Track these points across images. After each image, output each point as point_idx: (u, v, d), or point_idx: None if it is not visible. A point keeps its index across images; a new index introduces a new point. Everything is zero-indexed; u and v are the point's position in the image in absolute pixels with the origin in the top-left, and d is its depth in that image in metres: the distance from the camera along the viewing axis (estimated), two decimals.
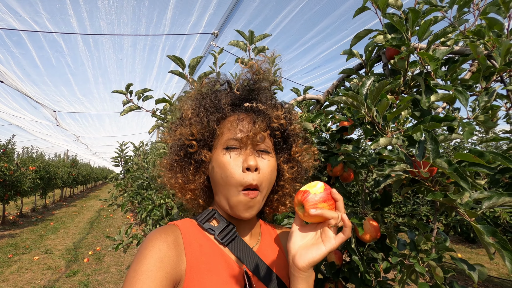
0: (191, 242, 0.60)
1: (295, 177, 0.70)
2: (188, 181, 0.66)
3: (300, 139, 0.70)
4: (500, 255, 0.54)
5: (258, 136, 0.60)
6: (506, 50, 0.68)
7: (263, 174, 0.60)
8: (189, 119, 0.66)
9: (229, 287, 0.57)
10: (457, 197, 0.58)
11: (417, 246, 0.73)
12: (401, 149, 0.69)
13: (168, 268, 0.53)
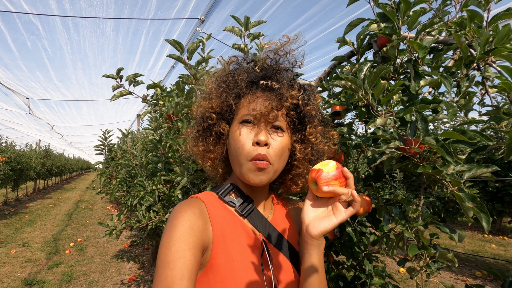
0: (215, 213, 0.65)
1: (309, 158, 0.72)
2: (208, 150, 0.72)
3: (316, 121, 0.72)
4: (478, 217, 0.63)
5: (271, 114, 0.64)
6: (486, 40, 0.77)
7: (273, 149, 0.64)
8: (211, 93, 0.71)
9: (250, 252, 0.64)
10: (443, 169, 0.66)
11: (406, 216, 0.81)
12: (394, 129, 0.76)
13: (198, 235, 0.58)
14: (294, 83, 0.70)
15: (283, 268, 0.68)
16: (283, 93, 0.66)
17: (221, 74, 0.74)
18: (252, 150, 0.63)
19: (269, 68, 0.71)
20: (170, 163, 2.12)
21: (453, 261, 0.70)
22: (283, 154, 0.67)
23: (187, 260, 0.53)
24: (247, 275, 0.61)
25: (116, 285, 3.91)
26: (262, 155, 0.62)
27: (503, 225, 7.06)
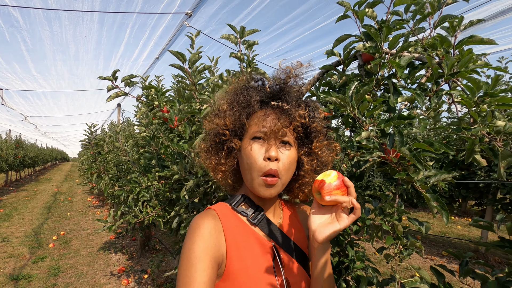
0: (228, 224, 0.73)
1: (315, 169, 0.79)
2: (220, 163, 0.78)
3: (321, 135, 0.78)
4: (440, 214, 0.79)
5: (280, 132, 0.70)
6: (451, 64, 0.91)
7: (283, 164, 0.71)
8: (224, 111, 0.77)
9: (262, 258, 0.72)
10: (414, 175, 0.81)
11: (384, 211, 0.97)
12: (376, 139, 0.90)
13: (212, 253, 0.66)
14: (301, 102, 0.76)
15: (294, 271, 0.74)
16: (292, 113, 0.72)
17: (232, 92, 0.79)
18: (263, 166, 0.69)
19: (279, 87, 0.77)
20: (163, 159, 2.19)
21: (421, 248, 0.86)
22: (291, 167, 0.73)
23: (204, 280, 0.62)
24: (261, 280, 0.68)
25: (106, 276, 3.97)
26: (274, 171, 0.69)
27: (468, 208, 7.70)
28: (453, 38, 1.00)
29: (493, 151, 0.94)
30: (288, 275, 0.73)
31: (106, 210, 8.27)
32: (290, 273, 0.74)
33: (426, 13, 1.12)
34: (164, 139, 2.28)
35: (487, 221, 0.93)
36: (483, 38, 0.95)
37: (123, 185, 2.44)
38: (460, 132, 0.98)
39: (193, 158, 1.37)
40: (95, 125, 3.30)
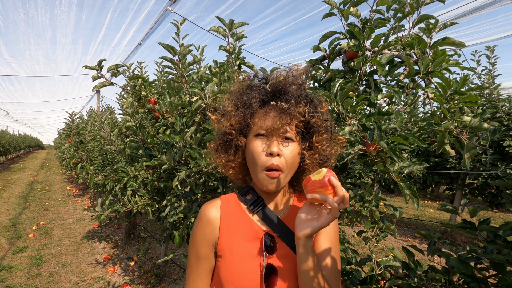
0: (227, 212, 0.82)
1: (318, 162, 0.81)
2: (230, 160, 0.83)
3: (322, 130, 0.80)
4: (412, 200, 0.89)
5: (281, 129, 0.73)
6: (427, 64, 1.00)
7: (285, 158, 0.74)
8: (229, 112, 0.81)
9: (252, 243, 0.77)
10: (391, 167, 0.90)
11: (363, 198, 1.06)
12: (358, 133, 0.98)
13: (208, 237, 0.80)
14: (302, 99, 0.78)
15: (288, 259, 0.76)
16: (291, 111, 0.75)
17: (236, 93, 0.84)
18: (266, 160, 0.73)
19: (279, 87, 0.80)
20: (150, 149, 2.20)
21: (394, 231, 0.96)
22: (293, 161, 0.76)
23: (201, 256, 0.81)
24: (247, 262, 0.74)
25: (91, 264, 3.97)
26: (276, 165, 0.72)
27: (440, 193, 8.21)
28: (429, 38, 1.08)
29: (460, 143, 1.04)
30: (280, 264, 0.75)
31: (88, 199, 8.11)
32: (283, 261, 0.76)
33: (406, 12, 1.19)
34: (150, 129, 2.28)
35: (453, 206, 1.05)
36: (455, 40, 1.03)
37: (109, 174, 2.43)
38: (432, 127, 1.08)
39: (182, 149, 1.40)
40: (75, 113, 3.22)
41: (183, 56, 1.28)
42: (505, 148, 3.65)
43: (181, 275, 3.65)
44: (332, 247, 0.80)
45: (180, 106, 1.30)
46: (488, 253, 0.98)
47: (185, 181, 1.33)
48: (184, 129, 1.38)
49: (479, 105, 3.13)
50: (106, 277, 3.62)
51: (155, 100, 1.77)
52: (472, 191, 4.36)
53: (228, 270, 0.75)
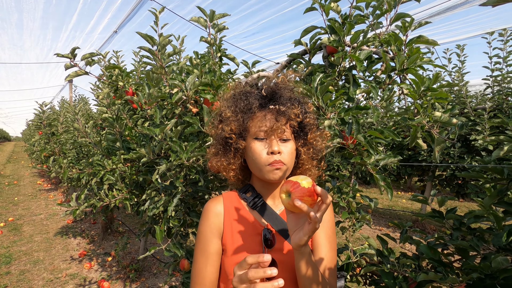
0: (229, 208, 0.87)
1: (311, 156, 0.88)
2: (230, 163, 0.87)
3: (314, 127, 0.87)
4: (386, 192, 0.94)
5: (279, 130, 0.78)
6: (402, 61, 1.04)
7: (285, 155, 0.79)
8: (228, 118, 0.85)
9: (252, 238, 0.82)
10: (367, 159, 0.94)
11: (341, 190, 1.10)
12: (336, 127, 1.01)
13: (215, 231, 0.84)
14: (294, 101, 0.84)
15: (286, 253, 0.81)
16: (288, 113, 0.80)
17: (232, 99, 0.88)
18: (268, 158, 0.78)
19: (274, 91, 0.85)
20: (128, 141, 2.13)
21: (370, 221, 1.01)
22: (292, 157, 0.82)
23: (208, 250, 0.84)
24: (245, 256, 0.73)
25: (66, 261, 3.84)
26: (278, 161, 0.78)
27: (412, 184, 8.64)
28: (405, 36, 1.12)
29: (431, 137, 1.10)
30: (278, 256, 0.79)
31: (61, 194, 7.77)
32: (281, 254, 0.80)
33: (384, 9, 1.22)
34: (128, 121, 2.21)
35: (424, 196, 1.11)
36: (428, 39, 1.08)
37: (84, 168, 2.34)
38: (406, 121, 1.13)
39: (162, 141, 1.37)
40: (46, 104, 3.05)
41: (162, 47, 1.24)
42: (471, 142, 3.89)
43: (161, 269, 3.62)
44: (330, 243, 0.84)
45: (160, 98, 1.27)
46: (454, 240, 1.06)
47: (165, 175, 1.31)
48: (164, 121, 1.36)
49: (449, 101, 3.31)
50: (82, 273, 3.52)
51: (133, 91, 1.71)
52: (441, 182, 4.63)
53: (231, 264, 0.80)
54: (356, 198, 1.16)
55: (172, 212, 1.42)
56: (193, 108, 1.25)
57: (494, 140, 0.82)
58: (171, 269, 1.52)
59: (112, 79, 1.75)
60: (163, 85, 1.40)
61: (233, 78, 1.83)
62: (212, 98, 1.21)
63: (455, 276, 0.91)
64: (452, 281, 0.84)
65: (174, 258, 1.55)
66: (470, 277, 0.82)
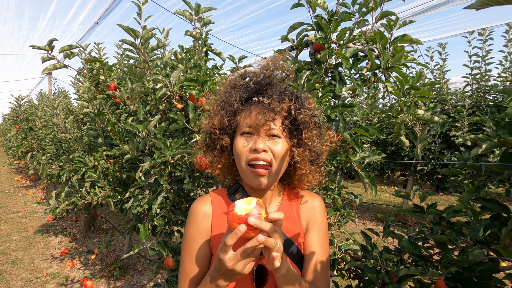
0: (218, 209, 0.81)
1: (309, 160, 0.78)
2: (214, 161, 0.81)
3: (311, 125, 0.76)
4: (371, 188, 0.95)
5: (265, 126, 0.71)
6: (387, 60, 1.05)
7: (275, 153, 0.72)
8: (214, 112, 0.79)
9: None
10: (353, 157, 0.95)
11: (327, 187, 1.11)
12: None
13: (202, 233, 0.79)
14: (286, 95, 0.76)
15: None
16: (274, 106, 0.72)
17: (220, 93, 0.81)
18: (249, 154, 0.72)
19: (262, 83, 0.78)
20: (110, 137, 2.07)
21: (355, 217, 1.03)
22: (283, 156, 0.74)
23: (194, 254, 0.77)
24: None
25: (47, 260, 3.72)
26: (262, 158, 0.70)
27: (395, 178, 8.89)
28: (390, 34, 1.13)
29: (414, 134, 1.13)
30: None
31: (41, 191, 7.49)
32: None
33: (370, 7, 1.23)
34: (110, 116, 2.15)
35: (406, 191, 1.14)
36: (413, 38, 1.10)
37: (64, 164, 2.26)
38: (390, 119, 1.15)
39: (146, 138, 1.34)
40: (23, 97, 2.92)
41: (145, 40, 1.20)
42: (451, 138, 4.03)
43: (146, 266, 3.57)
44: (322, 247, 0.81)
45: (143, 93, 1.23)
46: (434, 234, 1.09)
47: (149, 172, 1.28)
48: (147, 117, 1.32)
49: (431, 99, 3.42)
50: (64, 272, 3.43)
51: (116, 85, 1.65)
52: (422, 176, 4.79)
53: None
54: (342, 194, 1.17)
55: (156, 210, 1.39)
56: (178, 104, 1.22)
57: (473, 138, 0.84)
58: (156, 267, 1.50)
59: (93, 73, 1.68)
60: (146, 79, 1.36)
61: (219, 74, 1.80)
62: (198, 94, 1.19)
63: (435, 270, 0.94)
64: (432, 275, 0.87)
65: (159, 256, 1.52)
66: (449, 271, 0.85)
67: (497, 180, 0.84)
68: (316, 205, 0.85)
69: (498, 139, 0.78)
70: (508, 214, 0.86)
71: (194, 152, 1.04)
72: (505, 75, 3.93)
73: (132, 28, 1.13)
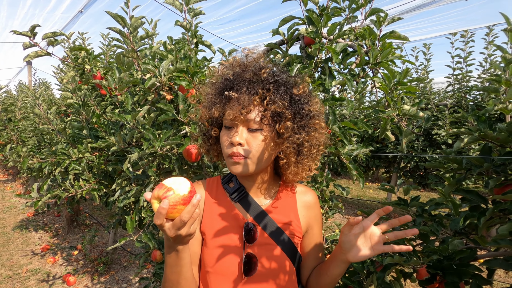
0: (210, 196, 0.83)
1: (291, 151, 0.75)
2: (210, 149, 0.85)
3: (287, 116, 0.72)
4: (358, 180, 0.98)
5: (239, 118, 0.71)
6: (376, 55, 1.07)
7: (250, 146, 0.72)
8: (204, 103, 0.81)
9: (233, 232, 0.77)
10: (341, 149, 0.97)
11: (315, 179, 1.13)
12: None
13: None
14: (258, 85, 0.73)
15: (267, 248, 0.77)
16: (244, 100, 0.71)
17: (210, 83, 0.83)
18: (229, 150, 0.74)
19: (237, 75, 0.76)
20: (95, 129, 2.02)
21: (342, 208, 1.05)
22: (260, 150, 0.73)
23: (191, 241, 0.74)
24: (227, 249, 0.75)
25: (27, 256, 3.60)
26: (236, 153, 0.72)
27: (379, 175, 9.11)
28: (379, 31, 1.16)
29: (399, 130, 1.16)
30: (260, 250, 0.76)
31: (20, 185, 7.22)
32: (266, 252, 0.77)
33: (360, 3, 1.25)
34: (95, 108, 2.09)
35: (391, 185, 1.18)
36: (400, 34, 1.12)
37: (46, 157, 2.19)
38: (378, 113, 1.18)
39: (134, 129, 1.31)
40: (1, 87, 2.80)
41: (134, 29, 1.17)
42: (433, 135, 4.17)
43: (131, 261, 3.53)
44: (321, 234, 0.90)
45: (131, 83, 1.20)
46: (417, 225, 1.14)
47: (137, 164, 1.26)
48: (136, 108, 1.29)
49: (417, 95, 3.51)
50: (45, 268, 3.33)
51: (102, 75, 1.61)
52: (405, 173, 4.94)
53: (208, 255, 0.76)
54: (329, 187, 1.20)
55: (144, 202, 1.38)
56: (167, 95, 1.20)
57: (456, 132, 0.88)
58: (143, 261, 1.48)
59: (78, 62, 1.63)
60: (134, 70, 1.33)
61: (209, 66, 1.78)
62: (188, 85, 1.17)
63: (416, 258, 0.98)
64: (414, 263, 0.91)
65: (146, 249, 1.51)
66: (431, 259, 0.89)
67: (477, 173, 0.88)
68: (315, 202, 0.88)
69: (479, 133, 0.82)
70: (486, 205, 0.91)
71: (184, 143, 1.03)
72: (485, 76, 4.09)
73: (120, 15, 1.10)
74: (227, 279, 0.74)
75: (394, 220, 0.69)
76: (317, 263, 0.88)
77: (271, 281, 0.76)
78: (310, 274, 0.88)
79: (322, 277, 0.80)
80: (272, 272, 0.76)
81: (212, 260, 0.75)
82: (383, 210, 0.69)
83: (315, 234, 0.88)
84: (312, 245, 0.87)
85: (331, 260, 0.77)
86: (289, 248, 0.80)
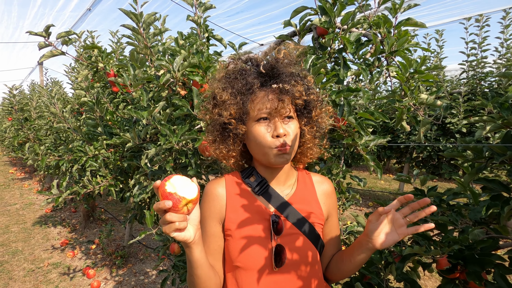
0: (232, 192, 0.82)
1: (314, 135, 0.84)
2: (230, 150, 0.81)
3: (318, 103, 0.82)
4: (376, 171, 0.97)
5: (284, 110, 0.74)
6: (391, 44, 1.05)
7: (290, 136, 0.75)
8: (225, 101, 0.77)
9: (259, 224, 0.77)
10: (358, 141, 0.96)
11: (331, 171, 1.13)
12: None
13: (215, 214, 0.81)
14: (297, 79, 0.78)
15: (297, 242, 0.79)
16: (292, 91, 0.75)
17: (226, 79, 0.80)
18: (274, 141, 0.74)
19: (274, 68, 0.78)
20: (109, 126, 2.05)
21: (359, 199, 1.05)
22: (296, 137, 0.78)
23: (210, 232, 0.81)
24: (255, 242, 0.76)
25: (47, 250, 3.73)
26: (284, 143, 0.74)
27: (390, 166, 9.01)
28: (394, 19, 1.13)
29: (416, 119, 1.14)
30: (287, 241, 0.78)
31: (37, 183, 7.44)
32: (291, 242, 0.78)
33: None
34: (108, 105, 2.12)
35: (407, 175, 1.16)
36: (417, 21, 1.10)
37: (63, 154, 2.24)
38: (394, 103, 1.16)
39: (148, 125, 1.33)
40: (17, 87, 2.87)
41: (147, 25, 1.18)
42: (446, 124, 4.08)
43: (147, 255, 3.62)
44: (338, 224, 0.92)
45: (146, 79, 1.21)
46: (435, 215, 1.13)
47: (153, 160, 1.28)
48: (151, 104, 1.30)
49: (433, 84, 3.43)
50: (65, 262, 3.45)
51: (115, 73, 1.63)
52: (418, 163, 4.86)
53: (236, 250, 0.77)
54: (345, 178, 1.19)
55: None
56: (181, 90, 1.21)
57: (477, 120, 0.86)
58: (161, 253, 1.52)
59: (91, 60, 1.65)
60: (147, 66, 1.34)
61: (219, 61, 1.78)
62: (201, 80, 1.18)
63: (437, 248, 0.97)
64: (434, 253, 0.90)
65: (164, 243, 1.54)
66: (452, 249, 0.88)
67: (499, 161, 0.86)
68: (332, 190, 0.90)
69: (502, 121, 0.80)
70: (509, 193, 0.89)
71: (200, 138, 1.04)
72: (501, 61, 3.95)
73: (133, 12, 1.11)
74: (255, 272, 0.75)
75: (414, 203, 0.71)
76: (336, 251, 0.90)
77: (298, 271, 0.78)
78: (330, 261, 0.89)
79: (345, 264, 0.81)
80: (298, 262, 0.78)
81: (239, 254, 0.76)
82: (405, 198, 0.69)
83: (334, 222, 0.90)
84: (332, 233, 0.89)
85: (355, 247, 0.78)
86: (313, 236, 0.82)
